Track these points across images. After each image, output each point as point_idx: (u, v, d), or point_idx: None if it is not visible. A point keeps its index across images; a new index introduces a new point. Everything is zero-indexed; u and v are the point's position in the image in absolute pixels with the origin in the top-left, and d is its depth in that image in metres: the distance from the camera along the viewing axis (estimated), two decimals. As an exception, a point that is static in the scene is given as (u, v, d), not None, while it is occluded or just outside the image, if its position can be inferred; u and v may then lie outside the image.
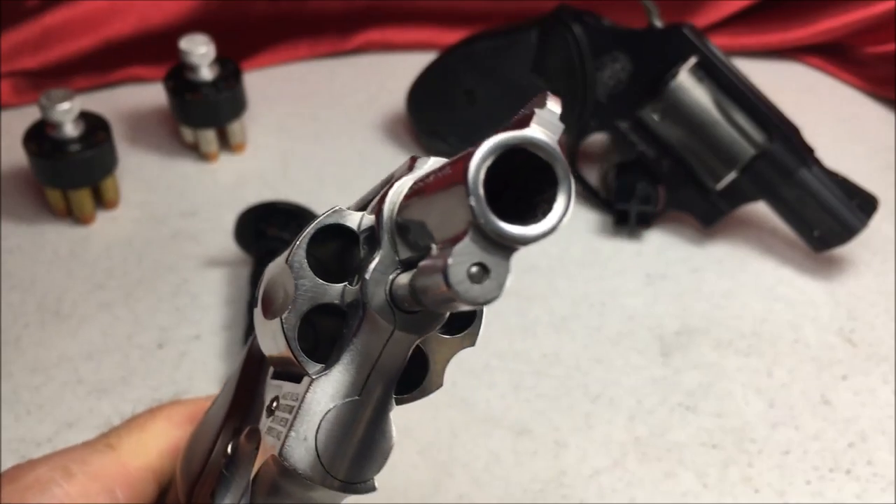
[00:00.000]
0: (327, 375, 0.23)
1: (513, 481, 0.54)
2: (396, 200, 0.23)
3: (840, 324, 0.64)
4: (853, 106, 0.84)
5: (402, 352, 0.24)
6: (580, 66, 0.68)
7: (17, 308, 0.64)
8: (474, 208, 0.18)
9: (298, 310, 0.24)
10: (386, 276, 0.23)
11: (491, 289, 0.19)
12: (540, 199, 0.20)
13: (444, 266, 0.19)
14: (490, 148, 0.19)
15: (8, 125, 0.78)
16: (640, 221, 0.69)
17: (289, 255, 0.23)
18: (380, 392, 0.24)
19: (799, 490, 0.54)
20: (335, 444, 0.24)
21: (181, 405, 0.38)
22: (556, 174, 0.20)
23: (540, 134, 0.19)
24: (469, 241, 0.19)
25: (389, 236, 0.23)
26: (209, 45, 0.72)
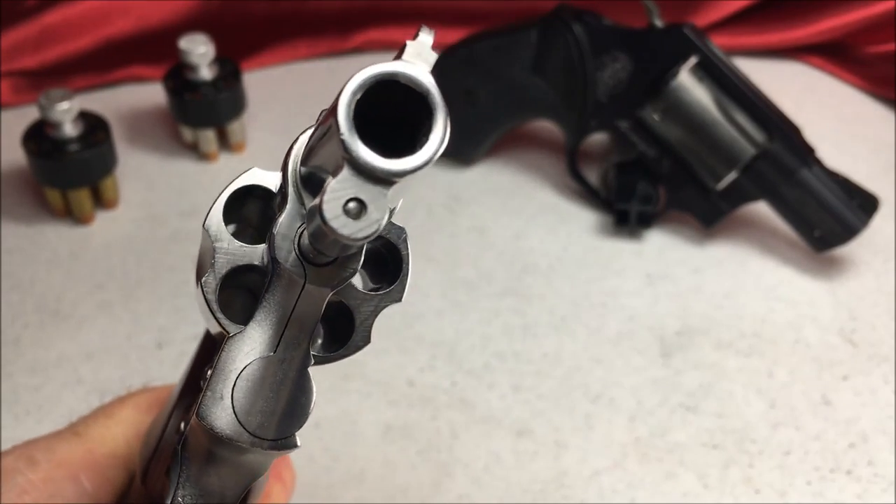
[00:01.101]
0: (242, 333, 0.23)
1: (513, 482, 0.54)
2: (299, 153, 0.23)
3: (841, 324, 0.64)
4: (854, 105, 0.84)
5: (315, 305, 0.24)
6: (580, 66, 0.68)
7: (17, 308, 0.64)
8: (345, 142, 0.18)
9: (217, 273, 0.24)
10: (294, 228, 0.23)
11: (368, 223, 0.19)
12: (418, 132, 0.19)
13: (320, 202, 0.19)
14: (358, 82, 0.19)
15: (7, 125, 0.78)
16: (641, 221, 0.69)
17: (206, 217, 0.23)
18: (295, 346, 0.24)
19: (800, 490, 0.54)
20: (251, 400, 0.23)
21: (149, 392, 0.38)
22: (430, 104, 0.19)
23: (409, 65, 0.19)
24: (343, 177, 0.19)
25: (294, 189, 0.23)
26: (209, 45, 0.72)
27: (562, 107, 0.70)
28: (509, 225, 0.71)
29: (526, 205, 0.73)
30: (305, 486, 0.51)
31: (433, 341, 0.62)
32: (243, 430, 0.23)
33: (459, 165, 0.76)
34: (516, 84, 0.71)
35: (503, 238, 0.70)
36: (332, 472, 0.54)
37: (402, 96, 0.19)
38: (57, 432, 0.36)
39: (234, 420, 0.23)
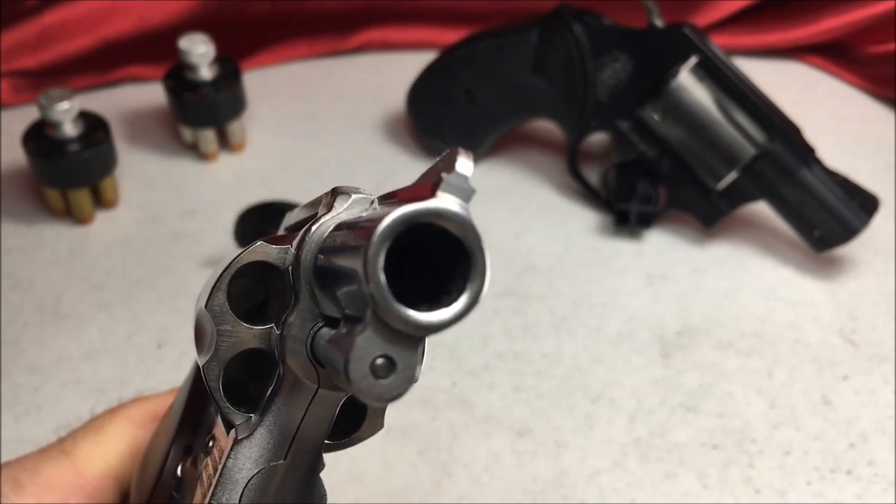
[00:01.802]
0: (250, 439, 0.22)
1: (513, 482, 0.54)
2: (314, 247, 0.20)
3: (841, 324, 0.64)
4: (854, 105, 0.84)
5: (329, 410, 0.22)
6: (580, 66, 0.68)
7: (16, 308, 0.64)
8: (375, 297, 0.16)
9: (221, 358, 0.22)
10: (307, 329, 0.21)
11: (398, 383, 0.18)
12: (451, 274, 0.17)
13: (344, 361, 0.17)
14: (390, 226, 0.16)
15: (7, 125, 0.78)
16: (641, 221, 0.69)
17: (208, 298, 0.22)
18: (306, 453, 0.22)
19: (800, 490, 0.54)
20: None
21: (142, 403, 0.36)
22: (468, 249, 0.17)
23: (448, 204, 0.17)
24: (371, 333, 0.17)
25: (308, 287, 0.21)
26: (208, 45, 0.72)
27: (562, 106, 0.70)
28: (509, 225, 0.71)
29: (526, 205, 0.73)
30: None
31: (433, 341, 0.62)
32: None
33: (459, 165, 0.76)
34: (516, 84, 0.71)
35: (503, 238, 0.70)
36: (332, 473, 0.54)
37: (434, 235, 0.17)
38: (44, 450, 0.34)
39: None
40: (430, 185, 0.17)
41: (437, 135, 0.75)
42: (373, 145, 0.78)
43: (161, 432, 0.31)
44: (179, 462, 0.27)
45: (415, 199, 0.17)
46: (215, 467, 0.22)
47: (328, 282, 0.20)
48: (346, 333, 0.18)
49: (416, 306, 0.17)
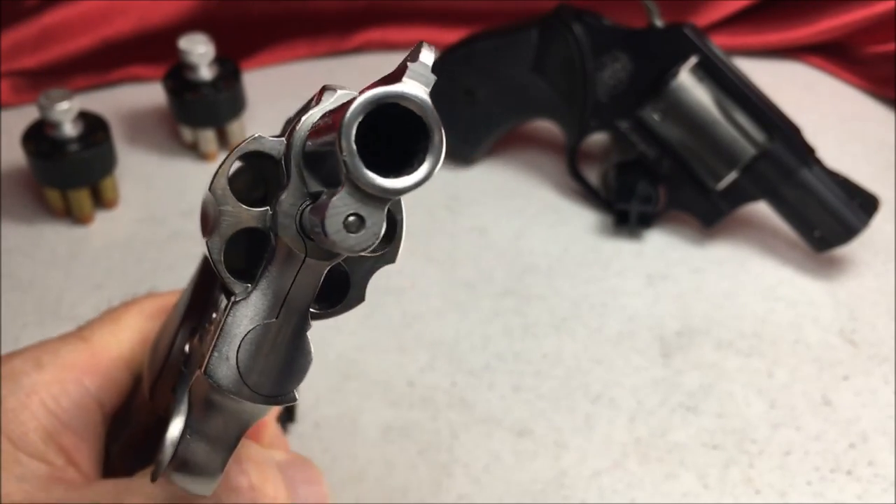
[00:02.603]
0: (246, 300, 0.25)
1: (513, 482, 0.54)
2: (303, 133, 0.24)
3: (841, 324, 0.64)
4: (854, 105, 0.84)
5: (315, 276, 0.26)
6: (580, 66, 0.68)
7: (16, 308, 0.64)
8: (347, 163, 0.20)
9: (223, 234, 0.25)
10: (296, 206, 0.24)
11: (367, 237, 0.21)
12: (415, 149, 0.21)
13: (321, 217, 0.20)
14: (361, 104, 0.20)
15: (7, 125, 0.78)
16: (641, 221, 0.69)
17: (211, 182, 0.25)
18: (295, 313, 0.26)
19: (800, 491, 0.54)
20: (254, 361, 0.25)
21: (154, 298, 0.39)
22: (427, 127, 0.21)
23: (410, 88, 0.20)
24: (345, 193, 0.20)
25: (297, 169, 0.24)
26: (208, 45, 0.72)
27: (562, 107, 0.70)
28: (509, 225, 0.71)
29: (526, 205, 0.73)
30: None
31: (433, 341, 0.62)
32: (245, 387, 0.25)
33: (459, 165, 0.76)
34: (516, 84, 0.71)
35: (503, 238, 0.70)
36: (332, 472, 0.54)
37: (400, 114, 0.20)
38: (64, 336, 0.37)
39: (238, 378, 0.25)
40: (396, 72, 0.20)
41: (437, 135, 0.75)
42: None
43: (170, 318, 0.34)
44: (187, 342, 0.30)
45: (384, 84, 0.20)
46: (217, 326, 0.26)
47: (315, 164, 0.23)
48: (325, 199, 0.21)
49: (384, 174, 0.20)
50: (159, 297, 0.39)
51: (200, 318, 0.31)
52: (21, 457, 0.32)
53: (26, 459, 0.32)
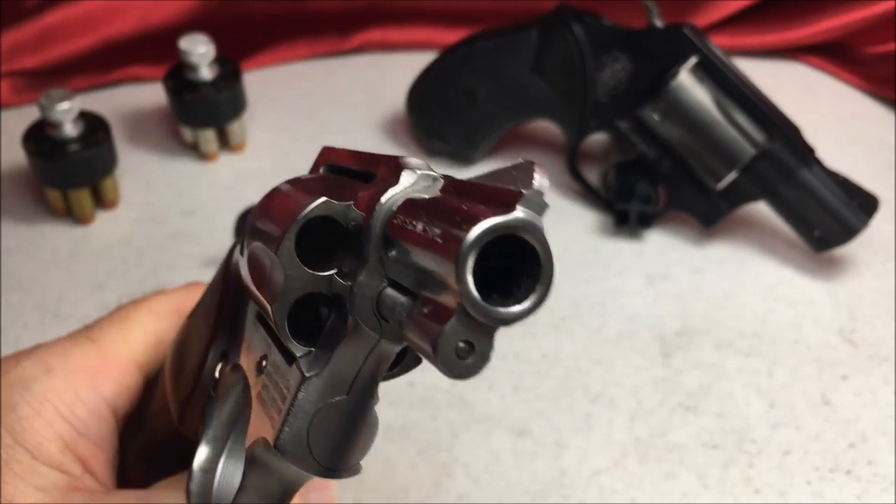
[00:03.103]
0: (318, 376, 0.25)
1: (513, 481, 0.54)
2: (384, 216, 0.24)
3: (841, 324, 0.64)
4: (854, 106, 0.84)
5: (387, 355, 0.26)
6: (580, 66, 0.68)
7: (17, 308, 0.64)
8: (464, 294, 0.20)
9: (287, 300, 0.25)
10: (374, 288, 0.24)
11: (475, 364, 0.21)
12: (521, 274, 0.21)
13: (434, 340, 0.20)
14: (478, 238, 0.19)
15: (7, 125, 0.78)
16: (641, 221, 0.69)
17: (278, 245, 0.25)
18: (365, 390, 0.26)
19: (799, 490, 0.54)
20: (324, 437, 0.26)
21: (164, 297, 0.38)
22: (539, 257, 0.20)
23: (530, 218, 0.20)
24: (456, 322, 0.20)
25: (377, 253, 0.24)
26: (209, 45, 0.72)
27: (562, 107, 0.70)
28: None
29: (526, 205, 0.73)
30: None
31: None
32: (314, 461, 0.26)
33: (460, 165, 0.76)
34: (516, 84, 0.71)
35: (503, 238, 0.70)
36: (332, 472, 0.54)
37: (509, 239, 0.20)
38: (73, 337, 0.36)
39: (308, 453, 0.26)
40: (511, 197, 0.20)
41: (437, 135, 0.75)
42: (373, 146, 0.78)
43: (192, 332, 0.34)
44: (218, 364, 0.31)
45: (496, 209, 0.20)
46: (282, 396, 0.26)
47: (397, 253, 0.23)
48: (427, 315, 0.21)
49: (490, 298, 0.20)
50: (169, 296, 0.38)
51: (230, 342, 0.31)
52: (39, 466, 0.32)
53: (45, 469, 0.32)
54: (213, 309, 0.33)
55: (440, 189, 0.24)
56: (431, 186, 0.24)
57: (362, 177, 0.27)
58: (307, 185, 0.28)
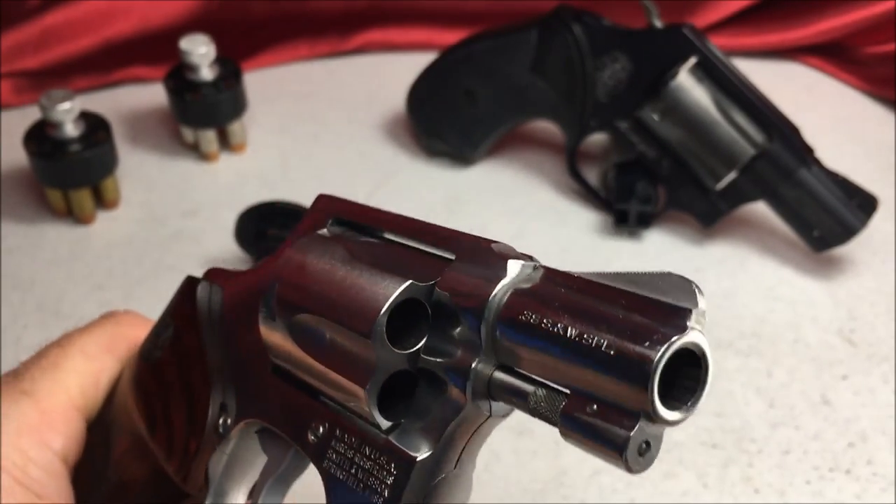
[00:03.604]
0: (432, 456, 0.27)
1: (513, 481, 0.54)
2: (497, 308, 0.26)
3: (840, 324, 0.64)
4: (853, 106, 0.84)
5: (489, 430, 0.28)
6: (580, 66, 0.69)
7: (17, 308, 0.64)
8: (651, 405, 0.22)
9: (378, 380, 0.27)
10: (489, 371, 0.26)
11: (650, 459, 0.23)
12: (681, 377, 0.24)
13: (621, 444, 0.23)
14: (669, 357, 0.22)
15: (8, 125, 0.78)
16: (640, 221, 0.69)
17: (373, 325, 0.26)
18: (470, 461, 0.29)
19: (799, 490, 0.54)
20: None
21: (90, 336, 0.37)
22: (705, 367, 0.23)
23: (703, 340, 0.23)
24: (641, 426, 0.23)
25: (488, 337, 0.26)
26: (209, 46, 0.72)
27: (561, 107, 0.71)
28: (509, 224, 0.71)
29: (526, 204, 0.73)
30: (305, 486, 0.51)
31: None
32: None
33: (459, 165, 0.76)
34: (516, 84, 0.71)
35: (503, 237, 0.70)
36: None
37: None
38: (5, 392, 0.34)
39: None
40: (683, 315, 0.23)
41: (436, 135, 0.75)
42: (373, 145, 0.78)
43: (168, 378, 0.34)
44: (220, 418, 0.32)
45: (670, 328, 0.22)
46: (384, 468, 0.27)
47: (521, 345, 0.25)
48: (598, 415, 0.24)
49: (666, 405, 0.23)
50: (94, 335, 0.37)
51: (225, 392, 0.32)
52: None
53: None
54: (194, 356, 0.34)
55: (540, 279, 0.26)
56: (531, 276, 0.26)
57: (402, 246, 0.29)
58: (356, 253, 0.29)
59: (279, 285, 0.29)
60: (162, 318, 0.37)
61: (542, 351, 0.25)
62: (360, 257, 0.29)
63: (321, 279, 0.28)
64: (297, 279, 0.29)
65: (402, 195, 0.73)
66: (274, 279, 0.30)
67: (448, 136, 0.75)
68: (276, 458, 0.33)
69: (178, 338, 0.35)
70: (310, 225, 0.32)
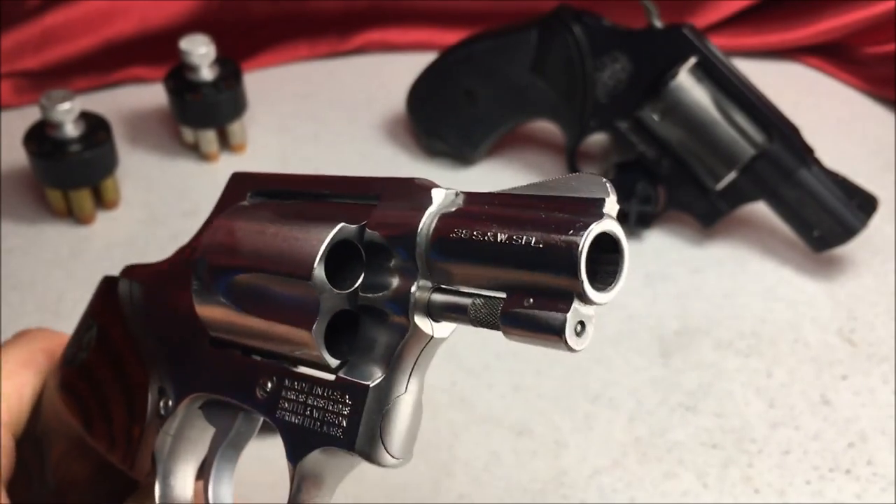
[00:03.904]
0: (383, 382, 0.28)
1: (513, 481, 0.54)
2: (425, 231, 0.27)
3: (840, 324, 0.64)
4: (853, 106, 0.84)
5: (434, 351, 0.29)
6: (580, 67, 0.69)
7: (17, 308, 0.64)
8: (583, 285, 0.24)
9: (323, 322, 0.28)
10: (425, 293, 0.28)
11: (586, 337, 0.25)
12: (602, 264, 0.26)
13: (561, 322, 0.25)
14: (592, 239, 0.24)
15: (8, 125, 0.79)
16: (640, 221, 0.69)
17: (312, 269, 0.28)
18: (418, 384, 0.29)
19: (799, 490, 0.54)
20: (392, 431, 0.29)
21: (8, 355, 0.37)
22: (621, 250, 0.25)
23: (618, 226, 0.25)
24: (575, 307, 0.25)
25: (422, 262, 0.27)
26: (209, 46, 0.72)
27: (562, 107, 0.71)
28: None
29: (526, 205, 0.73)
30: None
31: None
32: (388, 455, 0.29)
33: (460, 165, 0.76)
34: (516, 84, 0.71)
35: (503, 238, 0.70)
36: (333, 472, 0.54)
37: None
38: None
39: (382, 448, 0.29)
40: (596, 205, 0.26)
41: (436, 135, 0.76)
42: (373, 145, 0.78)
43: (100, 375, 0.36)
44: (160, 401, 0.34)
45: (588, 217, 0.25)
46: (335, 406, 0.29)
47: (456, 262, 0.27)
48: (534, 306, 0.25)
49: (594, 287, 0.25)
50: (10, 352, 0.37)
51: (162, 376, 0.33)
52: None
53: None
54: (125, 349, 0.35)
55: (463, 203, 0.29)
56: (455, 201, 0.29)
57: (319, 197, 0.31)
58: (282, 212, 0.31)
59: (208, 255, 0.31)
60: (82, 322, 0.38)
61: (477, 261, 0.27)
62: (287, 215, 0.30)
63: (253, 239, 0.30)
64: (227, 244, 0.31)
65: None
66: (201, 253, 0.32)
67: (448, 136, 0.75)
68: (225, 427, 0.34)
69: (105, 335, 0.36)
70: (228, 202, 0.34)
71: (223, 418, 0.33)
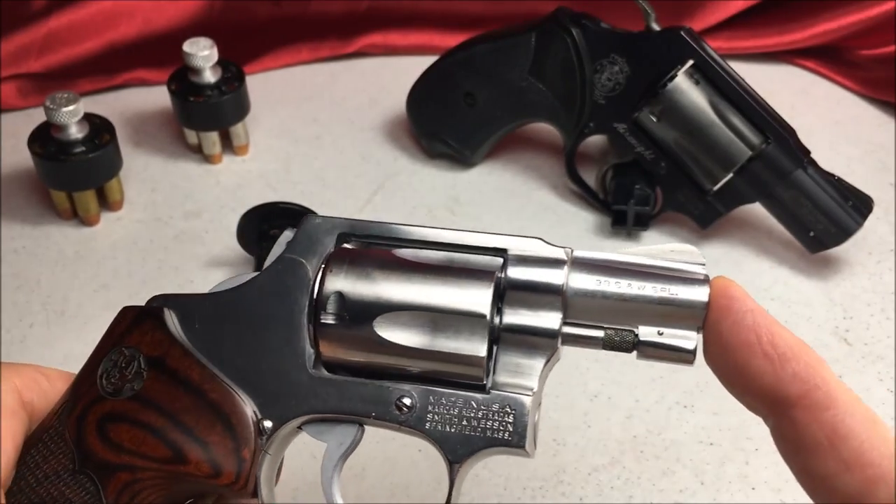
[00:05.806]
0: (535, 392, 0.36)
1: (511, 479, 0.55)
2: (567, 284, 0.37)
3: (835, 323, 0.65)
4: (848, 108, 0.84)
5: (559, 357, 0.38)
6: (578, 69, 0.69)
7: (23, 308, 0.65)
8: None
9: (486, 345, 0.36)
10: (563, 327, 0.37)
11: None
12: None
13: (694, 347, 0.37)
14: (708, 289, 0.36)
15: (13, 127, 0.79)
16: (638, 222, 0.70)
17: (488, 308, 0.36)
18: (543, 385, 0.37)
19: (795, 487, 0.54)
20: (536, 428, 0.37)
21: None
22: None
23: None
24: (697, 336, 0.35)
25: (562, 303, 0.37)
26: (212, 49, 0.73)
27: (560, 109, 0.71)
28: (508, 226, 0.72)
29: (525, 206, 0.74)
30: (307, 484, 0.51)
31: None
32: (535, 448, 0.37)
33: (459, 167, 0.77)
34: (515, 87, 0.72)
35: (502, 239, 0.71)
36: (334, 469, 0.54)
37: None
38: None
39: (534, 443, 0.37)
40: (703, 280, 0.37)
41: (436, 137, 0.76)
42: (374, 147, 0.79)
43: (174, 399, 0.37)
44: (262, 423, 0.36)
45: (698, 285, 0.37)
46: (500, 413, 0.36)
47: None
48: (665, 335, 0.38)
49: None
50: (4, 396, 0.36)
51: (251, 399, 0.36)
52: None
53: None
54: (196, 375, 0.36)
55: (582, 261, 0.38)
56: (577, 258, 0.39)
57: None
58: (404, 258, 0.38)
59: (359, 295, 0.35)
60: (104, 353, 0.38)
61: (614, 301, 0.36)
62: (418, 260, 0.37)
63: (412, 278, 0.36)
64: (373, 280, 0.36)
65: (403, 196, 0.74)
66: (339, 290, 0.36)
67: (448, 138, 0.76)
68: (339, 441, 0.37)
69: (160, 363, 0.36)
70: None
71: (334, 434, 0.37)
